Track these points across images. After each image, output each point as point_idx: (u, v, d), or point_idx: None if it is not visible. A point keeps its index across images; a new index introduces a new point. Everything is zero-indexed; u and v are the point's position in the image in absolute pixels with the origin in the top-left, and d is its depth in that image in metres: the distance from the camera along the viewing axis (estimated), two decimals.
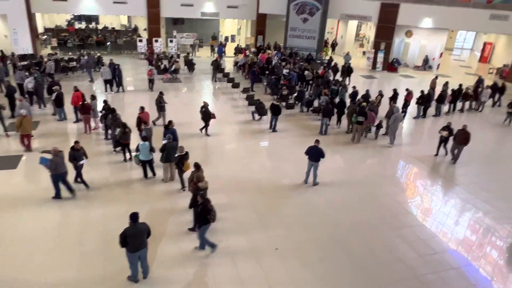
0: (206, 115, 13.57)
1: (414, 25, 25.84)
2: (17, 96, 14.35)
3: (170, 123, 11.26)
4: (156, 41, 25.74)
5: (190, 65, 22.42)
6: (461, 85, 18.19)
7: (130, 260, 6.80)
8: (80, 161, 9.63)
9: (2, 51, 20.75)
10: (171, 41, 26.77)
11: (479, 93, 18.60)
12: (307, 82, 19.95)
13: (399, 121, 13.79)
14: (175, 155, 9.96)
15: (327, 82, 18.35)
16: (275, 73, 20.04)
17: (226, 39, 31.75)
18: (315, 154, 10.43)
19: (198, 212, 7.61)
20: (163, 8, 25.69)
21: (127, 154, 11.51)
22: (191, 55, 25.74)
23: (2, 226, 8.36)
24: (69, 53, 23.42)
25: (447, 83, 18.68)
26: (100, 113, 13.14)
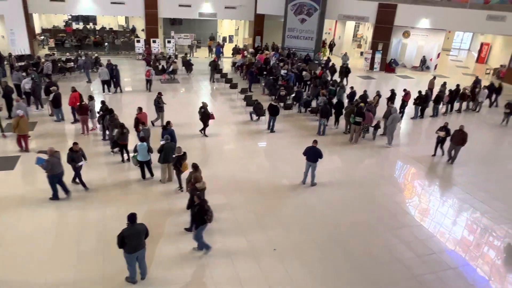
0: (205, 115, 13.56)
1: (411, 25, 25.93)
2: (14, 97, 14.31)
3: (168, 123, 11.26)
4: (154, 41, 25.74)
5: (188, 65, 22.40)
6: (458, 86, 18.27)
7: (128, 261, 6.79)
8: (79, 163, 9.61)
9: None
10: (169, 42, 26.74)
11: (476, 94, 18.68)
12: (305, 83, 19.96)
13: (396, 121, 13.83)
14: (173, 155, 9.96)
15: (325, 83, 18.40)
16: (273, 73, 20.04)
17: (224, 39, 31.74)
18: (313, 155, 10.44)
19: (195, 212, 7.61)
20: (160, 8, 25.67)
21: (125, 155, 11.51)
22: (189, 55, 25.70)
23: (1, 227, 8.33)
24: (67, 53, 23.35)
25: (445, 83, 18.75)
26: (97, 114, 13.13)
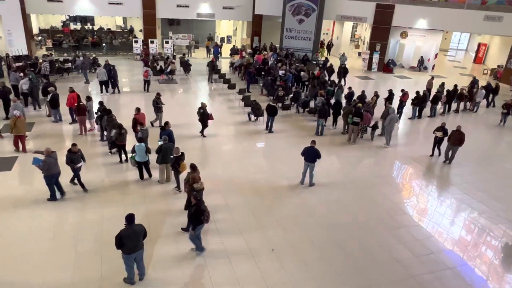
0: (205, 116, 13.54)
1: (409, 26, 26.01)
2: (12, 98, 14.26)
3: (166, 124, 11.24)
4: (152, 42, 25.70)
5: (186, 66, 22.39)
6: (456, 86, 18.33)
7: (126, 262, 6.77)
8: (78, 164, 9.58)
9: None
10: (166, 42, 26.71)
11: (473, 94, 18.75)
12: (303, 83, 19.98)
13: (394, 121, 13.86)
14: (171, 156, 9.94)
15: (323, 83, 18.41)
16: (271, 74, 20.05)
17: (222, 40, 31.74)
18: (311, 155, 10.44)
19: (191, 213, 7.60)
20: (158, 9, 25.66)
21: (123, 155, 11.48)
22: (187, 56, 25.71)
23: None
24: (64, 54, 23.34)
25: (443, 84, 18.82)
26: (95, 115, 13.10)
